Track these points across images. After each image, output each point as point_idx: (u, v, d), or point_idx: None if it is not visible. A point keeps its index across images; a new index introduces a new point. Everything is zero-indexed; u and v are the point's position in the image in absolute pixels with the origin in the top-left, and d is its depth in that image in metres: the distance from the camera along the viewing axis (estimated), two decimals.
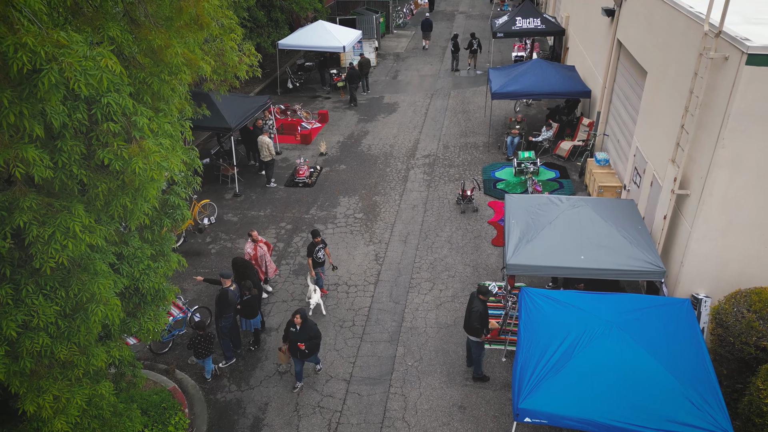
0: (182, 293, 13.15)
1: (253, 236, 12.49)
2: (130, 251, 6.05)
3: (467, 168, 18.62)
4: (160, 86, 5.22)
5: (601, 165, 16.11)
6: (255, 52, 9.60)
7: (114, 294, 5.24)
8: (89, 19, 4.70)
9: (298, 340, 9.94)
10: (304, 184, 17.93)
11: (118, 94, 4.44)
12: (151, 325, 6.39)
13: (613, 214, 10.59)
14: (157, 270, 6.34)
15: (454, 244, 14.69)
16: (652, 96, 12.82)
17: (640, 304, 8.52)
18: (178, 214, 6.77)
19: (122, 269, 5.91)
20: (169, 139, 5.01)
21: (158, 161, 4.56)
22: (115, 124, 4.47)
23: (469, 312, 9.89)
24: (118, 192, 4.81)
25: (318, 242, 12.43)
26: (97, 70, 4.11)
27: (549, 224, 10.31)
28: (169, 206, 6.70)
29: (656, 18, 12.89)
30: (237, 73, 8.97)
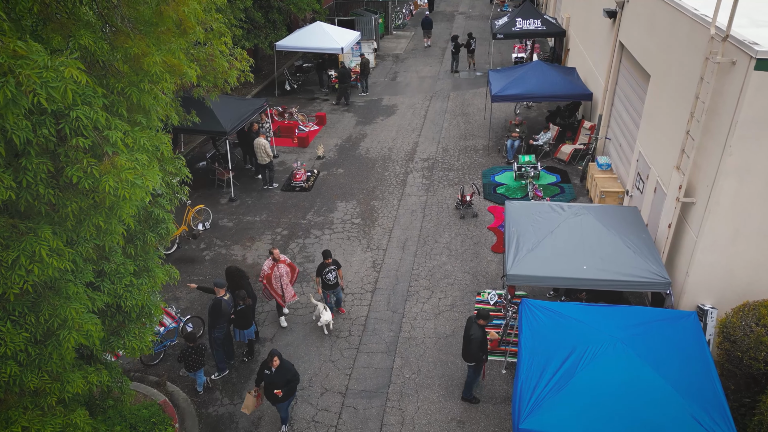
0: (175, 302, 12.87)
1: (274, 254, 11.44)
2: (112, 267, 5.75)
3: (467, 172, 18.33)
4: (139, 96, 4.92)
5: (603, 169, 15.82)
6: (247, 57, 9.29)
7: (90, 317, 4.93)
8: (60, 27, 4.41)
9: (274, 384, 9.06)
10: (300, 188, 17.64)
11: (89, 107, 4.14)
12: (135, 344, 6.09)
13: (616, 222, 10.29)
14: (141, 287, 6.04)
15: (453, 250, 14.40)
16: (656, 100, 12.53)
17: (644, 318, 8.23)
18: (163, 228, 6.46)
19: (103, 286, 5.62)
20: (147, 154, 4.72)
21: (131, 179, 4.26)
22: (85, 139, 4.18)
23: (468, 340, 9.37)
24: (90, 211, 4.52)
25: (328, 263, 11.58)
26: (59, 82, 3.80)
27: (550, 233, 10.02)
28: (153, 219, 6.40)
29: (659, 20, 12.60)
30: (227, 78, 8.67)
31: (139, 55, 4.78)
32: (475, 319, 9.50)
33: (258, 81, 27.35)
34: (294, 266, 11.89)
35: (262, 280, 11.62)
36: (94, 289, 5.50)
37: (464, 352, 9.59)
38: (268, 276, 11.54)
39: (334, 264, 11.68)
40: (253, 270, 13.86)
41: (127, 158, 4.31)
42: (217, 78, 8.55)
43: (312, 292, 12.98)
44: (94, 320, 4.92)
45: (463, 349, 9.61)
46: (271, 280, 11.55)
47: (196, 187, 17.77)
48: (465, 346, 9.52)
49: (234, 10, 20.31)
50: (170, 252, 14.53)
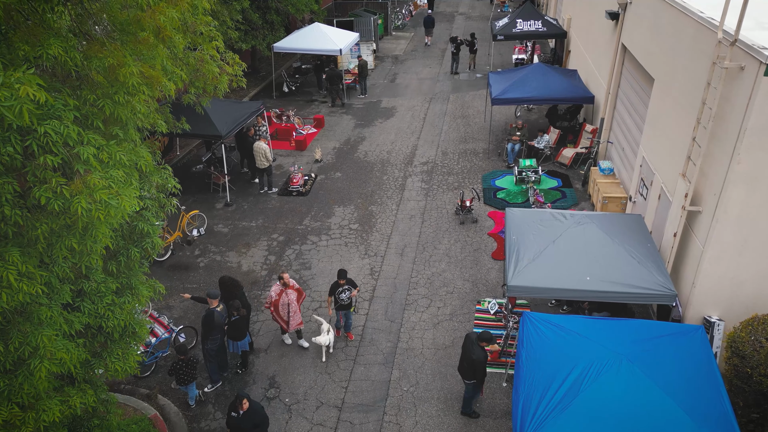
0: (168, 311, 12.58)
1: (284, 279, 10.65)
2: (92, 286, 5.46)
3: (466, 176, 18.05)
4: (113, 109, 4.62)
5: (605, 174, 15.53)
6: (239, 61, 8.98)
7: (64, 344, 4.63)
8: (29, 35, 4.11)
9: (241, 427, 8.59)
10: (297, 192, 17.35)
11: (59, 122, 3.85)
12: (119, 365, 5.79)
13: (620, 231, 10.00)
14: (124, 305, 5.75)
15: (453, 257, 14.11)
16: (660, 104, 12.24)
17: (650, 333, 7.94)
18: (148, 243, 6.16)
19: (83, 307, 5.33)
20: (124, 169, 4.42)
21: (105, 199, 3.97)
22: (54, 156, 3.90)
23: (470, 360, 8.97)
24: (63, 233, 4.24)
25: (342, 284, 10.88)
26: (14, 101, 3.50)
27: (552, 243, 9.73)
28: (138, 234, 6.10)
29: (663, 23, 12.31)
30: (217, 84, 8.36)
31: (114, 66, 4.48)
32: (477, 339, 9.12)
33: (256, 83, 27.08)
34: (302, 291, 11.15)
35: (269, 307, 10.91)
36: (72, 310, 5.21)
37: (464, 370, 9.26)
38: (275, 303, 10.78)
39: (349, 284, 10.95)
40: (248, 278, 13.58)
41: (100, 176, 4.02)
42: (207, 84, 8.25)
43: (316, 312, 12.68)
44: (69, 346, 4.63)
45: (463, 367, 9.27)
46: (278, 307, 10.79)
47: (191, 191, 17.50)
48: (465, 364, 9.17)
49: (231, 12, 20.03)
50: (164, 258, 14.25)
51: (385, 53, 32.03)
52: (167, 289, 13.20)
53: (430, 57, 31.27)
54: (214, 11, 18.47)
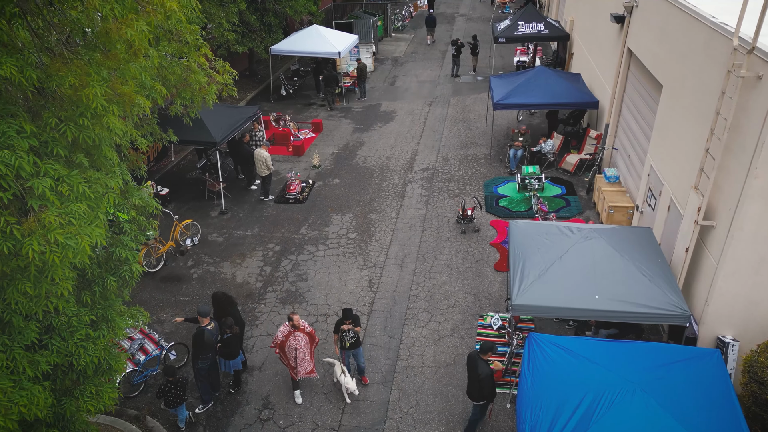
0: (159, 325, 12.14)
1: (294, 320, 9.61)
2: (63, 321, 5.02)
3: (468, 183, 17.60)
4: (78, 134, 4.18)
5: (610, 182, 15.09)
6: (230, 69, 8.53)
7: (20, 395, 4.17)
8: None
9: None
10: (294, 200, 16.91)
11: (10, 152, 3.42)
12: (91, 405, 5.33)
13: (630, 247, 9.56)
14: (98, 340, 5.30)
15: (454, 268, 13.67)
16: (669, 112, 11.80)
17: (664, 358, 7.51)
18: (126, 271, 5.71)
19: (51, 344, 4.89)
20: (89, 202, 3.98)
21: (62, 240, 3.53)
22: (4, 192, 3.47)
23: (477, 379, 8.56)
24: (16, 275, 3.81)
25: (347, 323, 9.90)
26: None
27: (559, 258, 9.29)
28: (115, 261, 5.65)
29: (672, 28, 11.87)
30: (205, 95, 7.91)
31: (76, 86, 4.03)
32: (478, 353, 8.73)
33: (253, 86, 26.65)
34: (314, 335, 9.96)
35: (274, 348, 9.88)
36: (40, 348, 4.78)
37: (471, 392, 8.82)
38: (281, 344, 9.73)
39: (354, 322, 10.00)
40: (242, 290, 13.14)
41: (58, 213, 3.58)
42: (194, 95, 7.80)
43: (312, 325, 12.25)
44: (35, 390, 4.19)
45: (470, 388, 8.84)
46: (284, 349, 9.76)
47: (185, 198, 17.07)
48: (472, 385, 8.75)
49: (228, 14, 19.60)
50: (156, 269, 13.81)
51: (385, 55, 31.60)
52: (159, 302, 12.84)
53: (430, 59, 30.83)
54: (209, 14, 18.08)
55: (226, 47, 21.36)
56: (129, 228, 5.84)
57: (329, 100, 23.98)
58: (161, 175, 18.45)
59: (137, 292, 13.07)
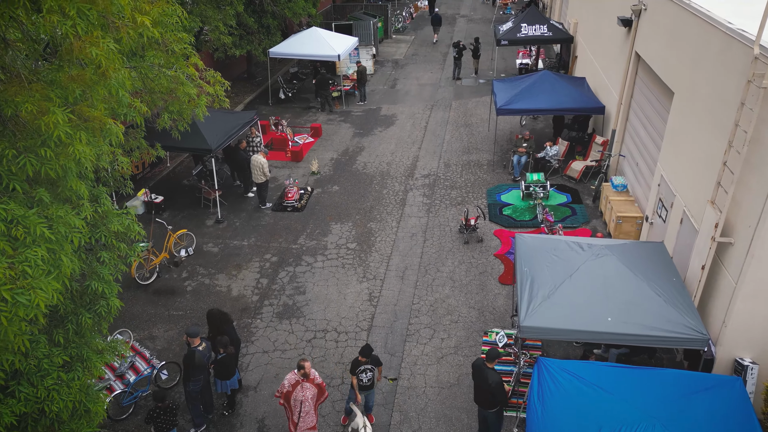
0: (151, 341, 11.69)
1: (305, 368, 8.71)
2: (32, 364, 4.57)
3: (470, 190, 17.15)
4: (40, 167, 3.72)
5: (618, 191, 14.64)
6: (221, 79, 8.06)
7: None
8: None
9: None
10: (293, 208, 16.45)
11: None
12: None
13: (643, 264, 9.11)
14: (73, 383, 4.85)
15: (457, 281, 13.22)
16: (681, 121, 11.35)
17: (684, 388, 7.06)
18: (102, 306, 5.24)
19: (18, 392, 4.44)
20: (48, 246, 3.53)
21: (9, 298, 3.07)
22: None
23: (488, 387, 8.32)
24: None
25: (363, 362, 9.10)
26: None
27: (569, 277, 8.84)
28: (90, 295, 5.19)
29: (684, 33, 11.42)
30: (195, 108, 7.45)
31: (34, 113, 3.57)
32: (484, 362, 8.45)
33: (251, 89, 26.21)
34: (324, 389, 9.03)
35: (279, 398, 8.99)
36: (5, 396, 4.33)
37: (482, 399, 8.52)
38: (287, 395, 8.83)
39: (374, 362, 9.19)
40: (237, 304, 12.69)
41: (9, 263, 3.14)
42: (183, 108, 7.34)
43: (309, 343, 11.80)
44: None
45: (480, 396, 8.55)
46: (289, 400, 8.85)
47: (180, 206, 16.62)
48: (481, 394, 8.51)
49: (225, 17, 19.13)
50: (149, 282, 13.35)
51: (385, 57, 31.15)
52: (151, 316, 12.38)
53: (431, 61, 30.38)
54: (205, 16, 17.63)
55: (224, 50, 20.91)
56: (107, 257, 5.37)
57: (323, 103, 23.56)
58: (156, 181, 17.99)
59: (129, 306, 12.63)
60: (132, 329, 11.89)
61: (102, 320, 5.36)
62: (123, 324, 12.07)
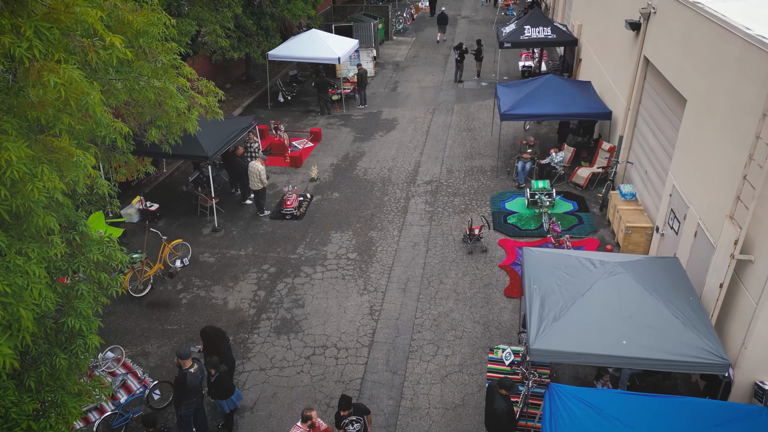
0: (144, 357, 11.26)
1: (312, 419, 8.12)
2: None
3: (473, 197, 16.71)
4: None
5: (627, 200, 14.20)
6: (214, 89, 7.62)
7: None
8: None
9: None
10: (291, 216, 16.01)
11: None
12: None
13: (658, 282, 8.67)
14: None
15: (461, 293, 12.78)
16: (695, 130, 10.91)
17: (707, 419, 6.64)
18: (79, 345, 4.78)
19: None
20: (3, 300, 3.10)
21: None
22: None
23: (495, 414, 7.99)
24: None
25: (345, 415, 8.34)
26: None
27: (581, 296, 8.41)
28: (66, 333, 4.73)
29: (698, 38, 10.98)
30: (185, 122, 7.01)
31: None
32: (497, 387, 8.10)
33: (250, 92, 25.78)
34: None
35: None
36: None
37: (489, 424, 8.26)
38: None
39: (358, 413, 8.40)
40: (234, 317, 12.26)
41: None
42: (171, 122, 6.91)
43: (308, 360, 11.37)
44: None
45: (487, 421, 8.28)
46: None
47: (176, 214, 16.19)
48: (489, 418, 8.25)
49: (222, 19, 18.70)
50: (143, 294, 12.91)
51: (386, 59, 30.71)
52: (145, 331, 11.94)
53: (432, 63, 29.95)
54: (201, 19, 17.20)
55: (222, 53, 20.47)
56: (86, 290, 4.93)
57: (322, 105, 23.14)
58: (151, 188, 17.56)
59: (121, 320, 12.20)
60: (124, 345, 11.47)
61: (79, 360, 4.93)
62: (115, 339, 11.65)
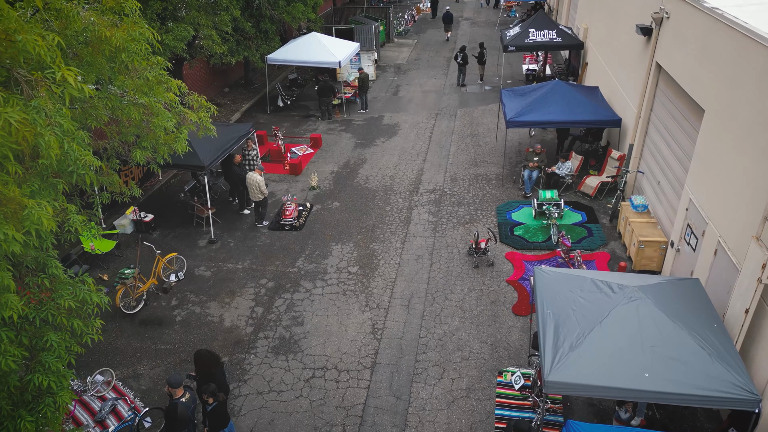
0: (135, 380, 10.73)
1: None
2: None
3: (478, 207, 16.19)
4: None
5: (639, 212, 13.67)
6: (206, 104, 7.07)
7: None
8: None
9: None
10: (291, 226, 15.49)
11: None
12: None
13: (681, 308, 8.14)
14: None
15: (468, 311, 12.26)
16: (714, 142, 10.39)
17: None
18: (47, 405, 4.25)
19: None
20: None
21: None
22: None
23: None
24: None
25: None
26: None
27: (599, 323, 7.88)
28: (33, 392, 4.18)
29: (716, 45, 10.46)
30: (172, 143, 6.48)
31: None
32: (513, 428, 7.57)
33: (249, 96, 25.26)
34: None
35: None
36: None
37: None
38: None
39: None
40: (230, 336, 11.74)
41: None
42: (158, 143, 6.37)
43: (307, 383, 10.84)
44: None
45: None
46: None
47: (171, 225, 15.67)
48: None
49: (219, 23, 18.17)
50: (135, 311, 12.39)
51: (387, 62, 30.19)
52: (137, 350, 11.42)
53: (434, 66, 29.43)
54: (197, 24, 16.67)
55: (219, 57, 19.95)
56: (56, 340, 4.38)
57: (323, 110, 22.63)
58: (146, 197, 17.04)
59: (112, 339, 11.68)
60: (115, 366, 10.95)
61: (48, 421, 4.40)
62: (105, 360, 11.13)
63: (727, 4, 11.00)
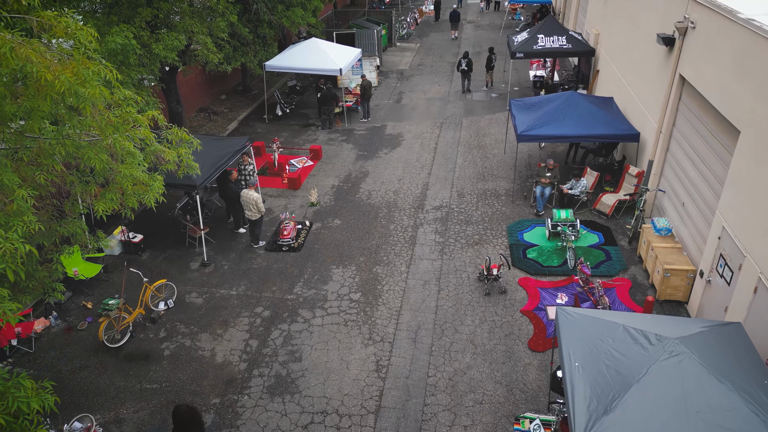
0: (117, 425, 9.79)
1: None
2: None
3: (488, 226, 15.25)
4: None
5: (662, 235, 12.74)
6: (189, 137, 6.11)
7: None
8: None
9: None
10: (288, 247, 14.56)
11: None
12: None
13: (726, 364, 7.20)
14: None
15: (479, 346, 11.33)
16: (753, 166, 9.46)
17: None
18: None
19: None
20: None
21: None
22: None
23: None
24: None
25: None
26: None
27: (636, 382, 6.95)
28: None
29: (755, 61, 9.53)
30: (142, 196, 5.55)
31: None
32: None
33: (246, 103, 24.33)
34: None
35: None
36: None
37: None
38: None
39: None
40: (222, 373, 10.80)
41: None
42: (126, 196, 5.45)
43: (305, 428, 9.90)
44: None
45: None
46: None
47: (162, 246, 14.73)
48: None
49: (214, 29, 17.22)
50: (120, 344, 11.45)
51: (390, 68, 29.25)
52: (120, 391, 10.48)
53: (438, 72, 28.49)
54: (189, 32, 15.72)
55: (215, 65, 19.01)
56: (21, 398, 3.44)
57: (324, 119, 21.70)
58: (135, 215, 16.06)
59: (94, 377, 10.74)
60: (95, 410, 10.01)
61: None
62: (86, 403, 10.20)
63: (758, 12, 10.11)
